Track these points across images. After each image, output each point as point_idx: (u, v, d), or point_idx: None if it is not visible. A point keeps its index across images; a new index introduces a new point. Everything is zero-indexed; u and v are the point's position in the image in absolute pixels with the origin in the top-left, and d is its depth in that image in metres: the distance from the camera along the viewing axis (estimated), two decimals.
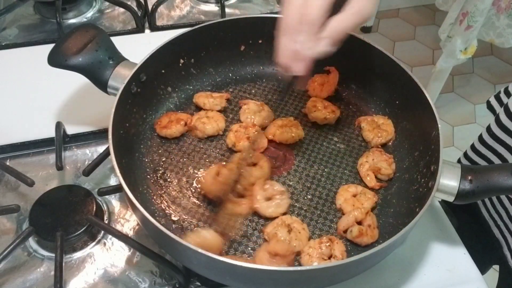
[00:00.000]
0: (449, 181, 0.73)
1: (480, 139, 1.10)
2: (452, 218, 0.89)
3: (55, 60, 0.84)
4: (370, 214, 0.79)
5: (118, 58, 0.86)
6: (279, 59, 0.68)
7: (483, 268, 0.97)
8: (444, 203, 0.91)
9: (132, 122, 0.87)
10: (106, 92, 0.85)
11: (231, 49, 1.01)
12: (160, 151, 0.89)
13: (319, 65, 1.01)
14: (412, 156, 0.87)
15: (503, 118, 1.00)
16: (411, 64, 2.93)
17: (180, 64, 0.96)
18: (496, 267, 1.14)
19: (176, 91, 0.97)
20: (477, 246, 0.93)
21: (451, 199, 0.74)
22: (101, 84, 0.85)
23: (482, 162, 1.09)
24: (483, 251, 1.04)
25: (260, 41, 1.01)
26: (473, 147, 1.13)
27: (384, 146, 0.92)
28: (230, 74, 1.03)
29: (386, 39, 3.11)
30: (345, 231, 0.78)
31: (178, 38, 0.90)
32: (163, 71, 0.92)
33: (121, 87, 0.81)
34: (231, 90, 1.01)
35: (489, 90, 2.91)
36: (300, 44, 0.65)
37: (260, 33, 0.99)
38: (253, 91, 1.01)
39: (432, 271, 0.81)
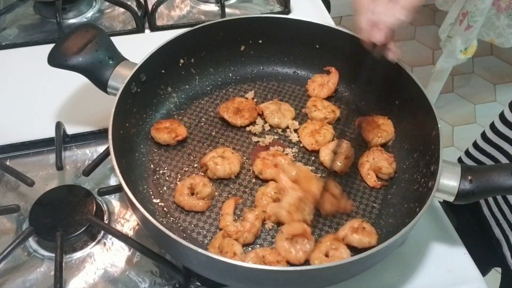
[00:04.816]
0: (449, 181, 0.73)
1: (483, 136, 1.10)
2: (452, 218, 0.89)
3: (55, 60, 0.84)
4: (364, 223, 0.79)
5: (118, 58, 0.86)
6: (360, 30, 0.76)
7: (483, 270, 0.97)
8: (444, 203, 0.91)
9: (132, 122, 0.87)
10: (106, 92, 0.85)
11: (231, 49, 1.00)
12: (160, 151, 0.89)
13: (319, 65, 1.01)
14: (412, 156, 0.87)
15: (508, 114, 1.00)
16: (411, 64, 2.93)
17: (180, 64, 0.96)
18: (499, 269, 1.14)
19: (176, 91, 0.97)
20: (477, 246, 0.93)
21: (451, 199, 0.74)
22: (101, 84, 0.85)
23: (486, 160, 1.09)
24: (484, 252, 1.04)
25: (260, 41, 1.00)
26: (475, 145, 1.13)
27: (384, 146, 0.92)
28: (230, 74, 1.03)
29: None
30: (343, 239, 0.78)
31: (178, 38, 0.90)
32: (163, 71, 0.92)
33: (121, 87, 0.81)
34: (231, 90, 1.01)
35: (489, 90, 2.91)
36: (377, 15, 0.74)
37: (260, 33, 0.99)
38: (253, 91, 1.01)
39: (432, 271, 0.81)
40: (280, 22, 0.98)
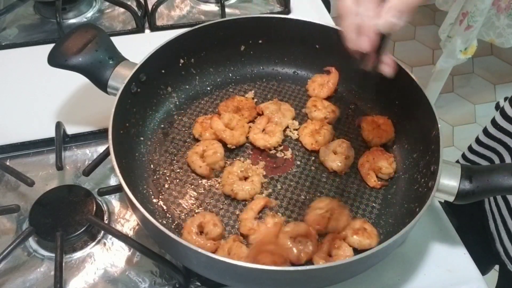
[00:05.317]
0: (449, 181, 0.73)
1: (485, 131, 1.10)
2: (452, 218, 0.89)
3: (55, 60, 0.84)
4: (365, 222, 0.79)
5: (118, 58, 0.86)
6: (345, 36, 0.64)
7: (484, 269, 0.97)
8: (444, 203, 0.91)
9: (132, 122, 0.87)
10: (106, 92, 0.85)
11: (231, 49, 1.00)
12: (160, 151, 0.89)
13: (319, 65, 1.01)
14: (412, 156, 0.87)
15: (508, 109, 1.01)
16: (411, 64, 2.93)
17: (180, 64, 0.95)
18: (497, 267, 1.14)
19: (176, 91, 0.97)
20: (477, 246, 0.93)
21: (451, 199, 0.74)
22: (101, 84, 0.85)
23: (488, 153, 1.10)
24: (484, 252, 1.05)
25: (260, 41, 1.00)
26: (478, 141, 1.14)
27: (384, 146, 0.92)
28: (230, 74, 1.03)
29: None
30: (344, 239, 0.78)
31: (178, 38, 0.90)
32: (163, 71, 0.92)
33: (121, 87, 0.81)
34: (231, 90, 1.01)
35: (489, 90, 2.91)
36: (361, 17, 0.61)
37: (260, 33, 0.99)
38: (253, 91, 1.01)
39: (432, 271, 0.81)
40: (280, 22, 0.98)
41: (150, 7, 1.23)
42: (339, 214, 0.79)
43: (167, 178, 0.85)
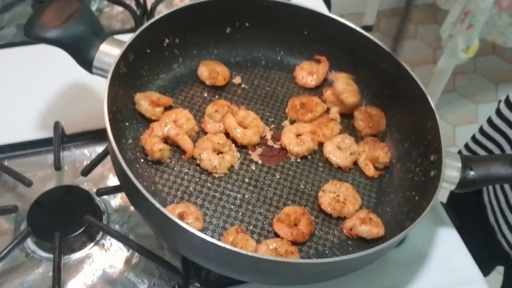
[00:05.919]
0: (451, 171, 0.75)
1: (481, 130, 1.11)
2: (453, 218, 0.89)
3: (33, 31, 0.73)
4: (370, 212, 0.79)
5: (103, 35, 0.79)
6: None
7: (486, 271, 0.97)
8: (446, 203, 0.91)
9: (118, 105, 0.81)
10: (90, 71, 0.79)
11: (216, 31, 0.96)
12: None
13: (305, 53, 0.99)
14: (403, 146, 0.87)
15: (503, 108, 1.02)
16: (412, 63, 2.92)
17: (165, 44, 0.91)
18: (500, 269, 1.14)
19: (158, 73, 0.92)
20: (479, 247, 0.93)
21: (452, 187, 0.77)
22: (86, 62, 0.77)
23: (483, 152, 1.11)
24: (486, 252, 1.04)
25: (247, 24, 0.96)
26: (474, 139, 1.15)
27: (374, 136, 0.91)
28: (213, 57, 0.98)
29: (387, 38, 3.10)
30: (351, 229, 0.77)
31: (165, 16, 0.86)
32: (148, 50, 0.87)
33: (113, 65, 0.74)
34: None
35: (491, 90, 2.90)
36: None
37: (248, 16, 0.95)
38: (240, 76, 0.97)
39: (433, 271, 0.81)
40: (269, 5, 0.94)
41: (149, 6, 1.23)
42: (352, 198, 0.80)
43: (161, 161, 0.81)
